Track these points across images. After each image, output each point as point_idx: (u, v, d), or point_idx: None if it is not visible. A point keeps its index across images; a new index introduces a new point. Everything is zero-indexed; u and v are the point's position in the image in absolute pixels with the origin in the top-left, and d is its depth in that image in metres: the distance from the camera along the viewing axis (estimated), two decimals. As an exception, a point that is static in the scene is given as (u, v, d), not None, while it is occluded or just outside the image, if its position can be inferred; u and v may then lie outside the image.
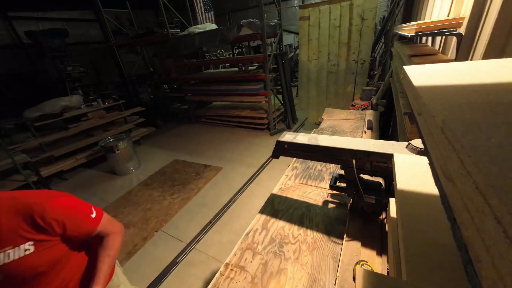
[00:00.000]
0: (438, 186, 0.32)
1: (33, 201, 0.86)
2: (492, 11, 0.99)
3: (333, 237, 1.15)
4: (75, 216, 0.94)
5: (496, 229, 0.17)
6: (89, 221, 0.98)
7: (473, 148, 0.23)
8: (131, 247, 2.53)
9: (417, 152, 0.90)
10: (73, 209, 0.94)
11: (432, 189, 0.63)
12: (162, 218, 2.92)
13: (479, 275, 0.21)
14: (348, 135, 2.15)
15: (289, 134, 1.41)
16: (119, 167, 4.13)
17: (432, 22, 1.27)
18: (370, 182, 1.08)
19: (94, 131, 4.79)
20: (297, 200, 1.45)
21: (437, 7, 1.77)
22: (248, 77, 5.13)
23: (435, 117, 0.30)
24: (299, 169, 1.78)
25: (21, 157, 3.22)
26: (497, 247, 0.17)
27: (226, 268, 1.05)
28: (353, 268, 0.94)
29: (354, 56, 4.14)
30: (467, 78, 0.43)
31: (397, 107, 1.84)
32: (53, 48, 5.98)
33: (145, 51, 7.63)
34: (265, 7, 4.28)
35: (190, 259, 2.35)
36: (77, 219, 0.94)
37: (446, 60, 1.38)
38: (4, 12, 5.93)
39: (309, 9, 4.21)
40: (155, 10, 9.82)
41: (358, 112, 2.70)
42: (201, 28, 5.21)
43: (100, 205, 3.37)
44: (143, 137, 5.52)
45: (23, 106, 4.08)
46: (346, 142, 1.16)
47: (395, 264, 0.64)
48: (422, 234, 0.54)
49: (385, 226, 1.12)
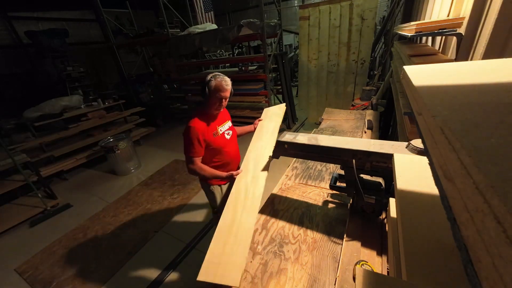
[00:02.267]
0: (438, 186, 0.32)
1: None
2: (492, 11, 0.99)
3: (333, 237, 1.15)
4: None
5: (496, 229, 0.17)
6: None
7: (473, 148, 0.23)
8: (131, 247, 2.53)
9: (417, 152, 0.90)
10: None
11: (432, 189, 0.63)
12: (162, 218, 2.92)
13: (479, 275, 0.21)
14: (348, 135, 2.15)
15: (289, 134, 1.41)
16: (119, 167, 4.13)
17: (432, 22, 1.27)
18: (370, 182, 1.08)
19: (94, 131, 4.79)
20: (297, 200, 1.45)
21: (437, 7, 1.77)
22: (248, 77, 5.12)
23: (435, 117, 0.30)
24: (299, 169, 1.78)
25: (21, 157, 3.22)
26: (497, 247, 0.17)
27: (226, 268, 1.04)
28: (353, 268, 0.94)
29: (354, 56, 4.14)
30: (467, 78, 0.43)
31: (397, 107, 1.84)
32: (53, 48, 5.98)
33: (145, 51, 7.63)
34: (265, 7, 4.28)
35: (190, 259, 2.35)
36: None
37: (446, 60, 1.38)
38: (4, 12, 5.92)
39: (309, 9, 4.21)
40: (155, 10, 9.81)
41: (358, 112, 2.70)
42: (201, 28, 5.21)
43: (100, 205, 3.37)
44: (143, 137, 5.52)
45: (23, 106, 4.08)
46: (346, 142, 1.16)
47: (395, 264, 0.64)
48: (422, 234, 0.54)
49: (385, 226, 1.12)
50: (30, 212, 3.20)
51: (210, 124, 1.56)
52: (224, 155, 1.67)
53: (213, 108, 1.52)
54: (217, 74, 1.48)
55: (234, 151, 1.76)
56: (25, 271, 2.43)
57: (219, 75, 1.48)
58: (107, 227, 2.89)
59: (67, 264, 2.45)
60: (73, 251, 2.61)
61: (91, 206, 3.37)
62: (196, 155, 1.53)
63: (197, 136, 1.48)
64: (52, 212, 3.29)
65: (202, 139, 1.50)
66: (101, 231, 2.85)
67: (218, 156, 1.64)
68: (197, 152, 1.52)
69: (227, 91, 1.49)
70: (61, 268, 2.41)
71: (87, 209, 3.32)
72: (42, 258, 2.57)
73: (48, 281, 2.28)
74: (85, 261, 2.45)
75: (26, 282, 2.31)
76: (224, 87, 1.46)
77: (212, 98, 1.48)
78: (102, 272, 2.30)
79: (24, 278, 2.36)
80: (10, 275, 2.43)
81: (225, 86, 1.47)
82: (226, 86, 1.47)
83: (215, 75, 1.47)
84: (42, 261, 2.53)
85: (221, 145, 1.62)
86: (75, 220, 3.13)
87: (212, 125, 1.58)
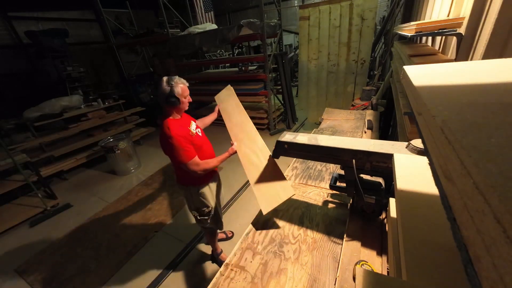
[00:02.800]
0: (438, 186, 0.32)
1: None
2: (492, 11, 0.99)
3: (333, 237, 1.15)
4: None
5: (496, 229, 0.17)
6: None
7: (473, 148, 0.23)
8: (131, 247, 2.53)
9: (417, 152, 0.90)
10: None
11: (432, 189, 0.63)
12: (162, 218, 2.92)
13: (479, 275, 0.21)
14: (348, 135, 2.14)
15: (289, 134, 1.41)
16: (119, 167, 4.13)
17: (432, 22, 1.27)
18: (370, 182, 1.08)
19: (94, 131, 4.79)
20: (297, 200, 1.45)
21: (437, 7, 1.77)
22: (248, 77, 5.13)
23: (435, 117, 0.30)
24: (299, 169, 1.78)
25: (21, 157, 3.22)
26: (497, 247, 0.17)
27: (226, 268, 1.05)
28: (353, 268, 0.94)
29: (354, 56, 4.14)
30: (467, 78, 0.42)
31: (397, 107, 1.84)
32: (53, 48, 5.97)
33: (145, 51, 7.63)
34: (265, 7, 4.28)
35: (190, 259, 2.35)
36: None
37: (446, 60, 1.38)
38: (4, 12, 5.92)
39: (309, 9, 4.21)
40: (155, 10, 9.80)
41: (358, 112, 2.70)
42: (201, 28, 5.21)
43: (100, 205, 3.37)
44: (143, 137, 5.52)
45: (23, 106, 4.08)
46: (346, 142, 1.16)
47: (395, 264, 0.64)
48: (422, 234, 0.54)
49: (385, 226, 1.12)
50: (30, 212, 3.20)
51: (184, 127, 1.55)
52: (204, 152, 1.68)
53: (183, 110, 1.57)
54: (170, 77, 1.49)
55: (210, 147, 1.79)
56: (25, 271, 2.43)
57: (173, 77, 1.49)
58: (107, 227, 2.89)
59: (67, 264, 2.45)
60: (73, 251, 2.61)
61: (91, 206, 3.37)
62: (193, 155, 1.52)
63: (183, 140, 1.47)
64: (52, 212, 3.29)
65: (188, 140, 1.51)
66: (101, 231, 2.85)
67: (199, 154, 1.62)
68: (192, 152, 1.51)
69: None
70: (61, 268, 2.41)
71: (87, 209, 3.33)
72: (42, 258, 2.57)
73: (48, 281, 2.28)
74: (85, 261, 2.45)
75: (26, 282, 2.31)
76: (187, 87, 1.54)
77: (182, 101, 1.51)
78: (102, 272, 2.30)
79: (24, 278, 2.36)
80: (10, 275, 2.43)
81: (187, 85, 1.54)
82: (187, 84, 1.55)
83: (171, 79, 1.48)
84: (42, 261, 2.53)
85: (200, 143, 1.64)
86: (75, 220, 3.13)
87: (185, 127, 1.57)
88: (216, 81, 5.96)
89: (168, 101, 1.46)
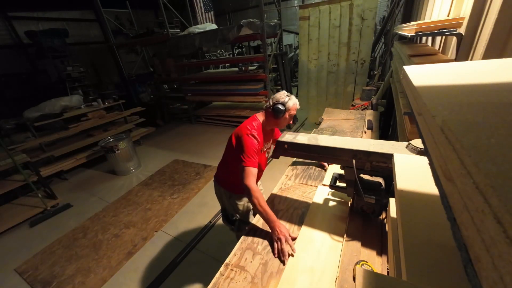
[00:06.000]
0: (438, 186, 0.32)
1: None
2: (492, 11, 0.99)
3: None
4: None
5: (496, 229, 0.17)
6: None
7: (473, 148, 0.23)
8: (131, 247, 2.53)
9: (417, 152, 0.90)
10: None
11: (432, 189, 0.63)
12: (162, 218, 2.92)
13: (479, 275, 0.21)
14: (348, 135, 2.14)
15: (289, 134, 1.41)
16: (119, 167, 4.13)
17: (432, 22, 1.27)
18: (370, 182, 1.08)
19: (94, 131, 4.79)
20: (297, 200, 1.45)
21: (437, 7, 1.77)
22: (248, 77, 5.13)
23: (435, 117, 0.30)
24: (299, 169, 1.78)
25: (21, 157, 3.22)
26: (497, 247, 0.17)
27: (226, 268, 1.05)
28: (353, 268, 0.94)
29: (354, 56, 4.14)
30: (467, 78, 0.42)
31: (397, 107, 1.84)
32: (53, 48, 5.97)
33: (145, 51, 7.63)
34: (265, 7, 4.28)
35: (190, 259, 2.35)
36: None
37: (446, 60, 1.38)
38: (4, 12, 5.92)
39: (309, 9, 4.21)
40: (155, 10, 9.81)
41: (358, 112, 2.70)
42: (201, 28, 5.21)
43: (100, 205, 3.37)
44: (143, 137, 5.51)
45: (23, 106, 4.08)
46: (346, 142, 1.16)
47: (395, 264, 0.64)
48: (422, 234, 0.54)
49: (385, 226, 1.12)
50: (30, 212, 3.20)
51: (263, 140, 1.49)
52: (258, 173, 1.52)
53: (276, 125, 1.50)
54: (287, 93, 1.45)
55: (261, 171, 1.66)
56: (25, 271, 2.43)
57: (289, 95, 1.45)
58: (107, 227, 2.89)
59: (67, 264, 2.45)
60: (73, 251, 2.61)
61: (91, 206, 3.37)
62: (255, 164, 1.37)
63: (256, 145, 1.39)
64: (52, 212, 3.29)
65: (257, 149, 1.40)
66: (101, 231, 2.85)
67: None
68: (256, 161, 1.38)
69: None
70: (61, 268, 2.41)
71: (87, 209, 3.33)
72: (42, 258, 2.57)
73: (48, 281, 2.28)
74: (85, 261, 2.45)
75: (26, 282, 2.31)
76: (296, 109, 1.47)
77: (284, 117, 1.44)
78: (102, 272, 2.30)
79: (24, 278, 2.36)
80: (10, 275, 2.43)
81: (297, 107, 1.47)
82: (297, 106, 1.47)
83: (290, 94, 1.45)
84: (42, 261, 2.53)
85: (261, 163, 1.53)
86: (75, 220, 3.13)
87: (263, 141, 1.49)
88: (216, 81, 5.97)
89: (275, 107, 1.41)
